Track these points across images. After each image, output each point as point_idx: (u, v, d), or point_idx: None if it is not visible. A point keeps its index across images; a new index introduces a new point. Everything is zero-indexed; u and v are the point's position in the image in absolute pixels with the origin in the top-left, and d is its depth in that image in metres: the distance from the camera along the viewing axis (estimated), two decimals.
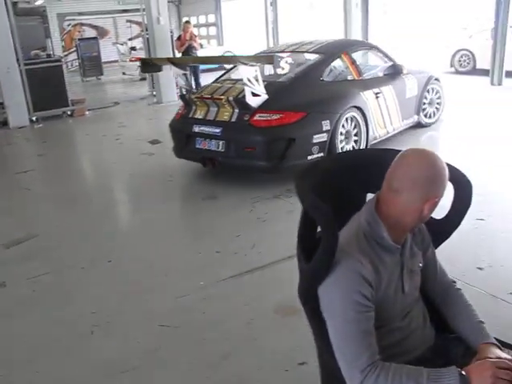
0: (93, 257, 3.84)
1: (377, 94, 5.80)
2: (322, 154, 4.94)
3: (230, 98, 4.96)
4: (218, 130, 5.05)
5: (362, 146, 5.54)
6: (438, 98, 7.08)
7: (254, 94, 4.88)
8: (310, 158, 4.86)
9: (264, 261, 3.28)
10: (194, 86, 10.45)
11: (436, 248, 1.79)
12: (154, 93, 11.22)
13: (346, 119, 5.31)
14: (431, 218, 1.77)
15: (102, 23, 22.20)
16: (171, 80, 10.90)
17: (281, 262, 3.44)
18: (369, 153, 1.78)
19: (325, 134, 4.99)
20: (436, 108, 7.08)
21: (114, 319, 3.00)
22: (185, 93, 5.89)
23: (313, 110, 5.00)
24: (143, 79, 13.83)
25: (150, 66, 6.32)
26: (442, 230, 1.82)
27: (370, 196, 1.63)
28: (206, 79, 11.85)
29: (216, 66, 16.64)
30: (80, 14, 21.10)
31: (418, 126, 6.84)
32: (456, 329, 1.67)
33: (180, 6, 23.96)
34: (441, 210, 1.73)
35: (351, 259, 1.45)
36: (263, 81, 5.05)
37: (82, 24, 21.79)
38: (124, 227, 4.46)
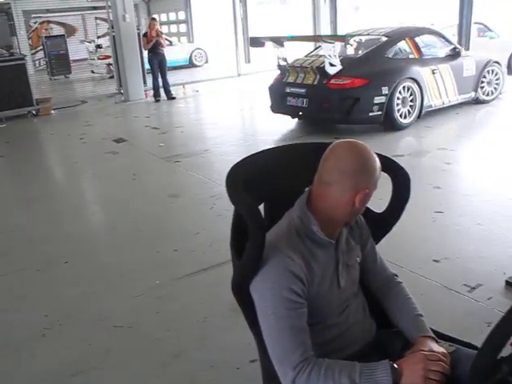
0: (49, 258, 3.76)
1: (433, 70, 7.06)
2: (380, 112, 6.52)
3: (314, 67, 6.66)
4: (303, 91, 6.78)
5: (417, 111, 6.93)
6: (497, 79, 7.99)
7: (332, 65, 6.47)
8: (371, 114, 6.49)
9: (221, 259, 3.25)
10: (161, 85, 10.39)
11: (377, 242, 1.78)
12: (122, 91, 11.08)
13: (403, 88, 6.68)
14: (371, 211, 1.78)
15: (71, 21, 21.81)
16: (139, 78, 10.80)
17: None
18: (305, 147, 1.75)
19: (383, 97, 6.48)
20: (494, 88, 8.01)
21: (67, 321, 2.94)
22: (281, 63, 7.31)
23: (375, 78, 6.52)
24: (112, 77, 13.65)
25: (256, 42, 7.80)
26: (383, 223, 1.81)
27: None
28: (175, 77, 11.98)
29: (185, 63, 16.66)
30: (47, 11, 20.67)
31: (478, 101, 7.83)
32: (396, 322, 1.66)
33: (150, 3, 23.69)
34: (381, 204, 1.74)
35: (281, 256, 1.43)
36: (340, 56, 6.64)
37: (49, 21, 21.35)
38: (83, 228, 4.38)
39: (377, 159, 1.48)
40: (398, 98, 6.66)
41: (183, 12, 22.33)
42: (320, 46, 7.03)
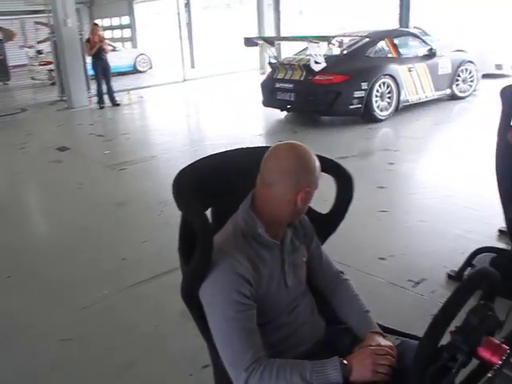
0: None
1: (410, 68, 7.78)
2: (360, 106, 7.24)
3: (301, 64, 7.43)
4: (291, 86, 7.56)
5: (394, 105, 7.64)
6: (471, 77, 8.63)
7: (316, 62, 7.23)
8: (351, 107, 7.21)
9: (169, 266, 3.23)
10: (105, 91, 10.20)
11: (323, 242, 1.81)
12: (65, 98, 10.80)
13: (382, 84, 7.38)
14: (316, 212, 1.82)
15: (9, 25, 21.03)
16: (82, 84, 10.56)
17: None
18: (248, 151, 1.76)
19: (363, 92, 7.20)
20: (469, 85, 8.68)
21: (13, 336, 2.83)
22: (272, 61, 8.12)
23: (356, 75, 7.23)
24: (53, 84, 13.27)
25: (250, 41, 8.42)
26: (328, 223, 1.84)
27: None
28: (119, 83, 11.78)
29: (130, 69, 16.42)
30: None
31: (454, 97, 8.50)
32: (344, 319, 1.70)
33: (92, 8, 23.23)
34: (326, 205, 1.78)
35: (228, 259, 1.44)
36: (324, 55, 7.46)
37: None
38: (26, 240, 4.23)
39: (316, 159, 1.51)
40: (377, 93, 7.35)
41: (127, 17, 22.01)
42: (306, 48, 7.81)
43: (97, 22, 13.61)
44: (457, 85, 8.50)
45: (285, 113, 8.45)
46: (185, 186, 1.53)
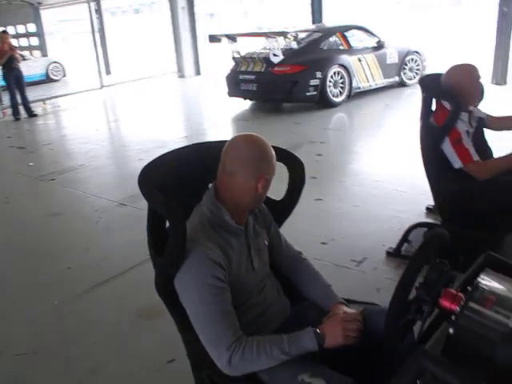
0: None
1: (359, 58, 8.69)
2: (315, 93, 8.12)
3: (261, 57, 8.29)
4: (253, 77, 8.42)
5: (347, 92, 8.52)
6: (417, 65, 9.51)
7: (275, 55, 8.09)
8: (307, 94, 8.09)
9: (118, 270, 3.23)
10: (20, 102, 9.78)
11: (280, 226, 1.93)
12: None
13: (334, 73, 8.28)
14: (271, 199, 1.92)
15: None
16: None
17: (135, 267, 3.42)
18: (206, 145, 1.84)
19: (318, 80, 8.08)
20: (416, 73, 9.52)
21: None
22: (235, 56, 8.77)
23: (311, 65, 8.11)
24: None
25: (214, 38, 9.12)
26: (283, 209, 1.96)
27: None
28: (33, 93, 11.30)
29: (42, 78, 15.80)
30: None
31: (403, 84, 9.40)
32: (308, 295, 1.82)
33: None
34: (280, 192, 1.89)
35: (200, 247, 1.52)
36: (282, 48, 8.33)
37: None
38: None
39: (271, 149, 1.63)
40: (330, 81, 8.23)
41: (32, 24, 21.05)
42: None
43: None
44: (404, 73, 9.36)
45: (249, 102, 9.30)
46: (150, 180, 1.58)
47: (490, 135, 3.18)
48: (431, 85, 3.15)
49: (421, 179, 3.40)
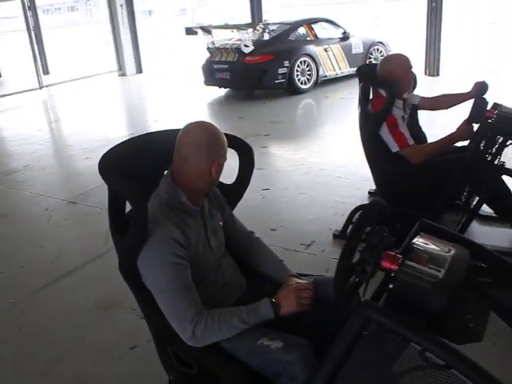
0: None
1: (326, 48, 9.47)
2: (284, 80, 8.86)
3: (233, 48, 8.97)
4: (226, 66, 9.10)
5: (313, 79, 9.25)
6: (382, 55, 10.00)
7: (246, 46, 8.83)
8: (276, 81, 8.84)
9: (72, 265, 3.26)
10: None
11: (233, 208, 2.05)
12: None
13: (301, 62, 9.04)
14: (223, 183, 2.04)
15: None
16: None
17: (89, 262, 3.47)
18: (161, 134, 1.94)
19: (286, 69, 8.81)
20: None
21: None
22: (210, 46, 9.38)
23: (279, 55, 8.84)
24: None
25: (190, 31, 9.83)
26: (235, 192, 2.09)
27: None
28: None
29: None
30: None
31: None
32: (262, 271, 1.97)
33: None
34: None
35: (160, 227, 1.62)
36: (253, 39, 9.07)
37: None
38: None
39: (223, 135, 1.75)
40: (298, 70, 8.95)
41: None
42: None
43: None
44: (369, 61, 9.95)
45: (223, 90, 9.95)
46: (111, 167, 1.67)
47: (423, 121, 3.43)
48: (368, 74, 3.35)
49: (362, 167, 3.62)
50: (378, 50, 10.25)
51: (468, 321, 1.37)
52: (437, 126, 3.69)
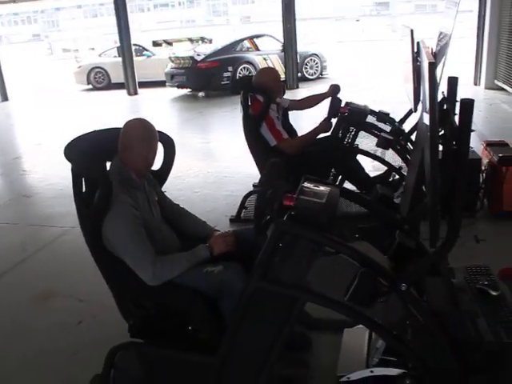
0: None
1: (264, 57, 11.89)
2: (228, 82, 11.36)
3: (189, 56, 11.58)
4: (183, 71, 11.67)
5: None
6: (317, 65, 12.91)
7: (198, 55, 11.56)
8: (222, 83, 11.41)
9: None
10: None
11: (161, 186, 2.61)
12: None
13: (242, 68, 11.59)
14: (153, 170, 2.60)
15: None
16: None
17: (15, 267, 3.75)
18: (106, 131, 2.45)
19: (230, 73, 11.41)
20: (315, 70, 12.96)
21: None
22: (171, 55, 12.06)
23: (223, 62, 11.46)
24: None
25: (156, 43, 12.86)
26: (161, 175, 2.65)
27: None
28: None
29: None
30: None
31: (305, 79, 12.48)
32: (192, 231, 2.56)
33: None
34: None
35: (119, 197, 2.15)
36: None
37: None
38: None
39: (156, 129, 2.34)
40: (240, 74, 11.36)
41: None
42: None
43: None
44: (306, 70, 12.70)
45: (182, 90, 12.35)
46: (74, 154, 2.16)
47: (293, 119, 4.24)
48: (247, 84, 4.08)
49: (243, 167, 4.30)
50: (313, 60, 12.76)
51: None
52: (305, 121, 4.52)
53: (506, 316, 1.90)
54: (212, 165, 5.91)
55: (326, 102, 4.15)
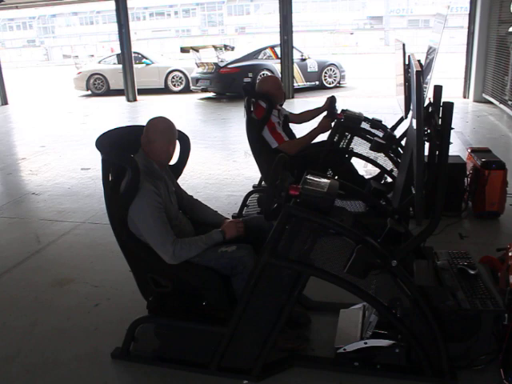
0: None
1: None
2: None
3: (213, 62, 12.69)
4: (208, 76, 12.73)
5: None
6: (335, 74, 13.86)
7: (222, 61, 12.79)
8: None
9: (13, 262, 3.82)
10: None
11: (177, 179, 2.91)
12: None
13: (262, 74, 12.23)
14: (170, 164, 2.89)
15: None
16: None
17: (31, 257, 4.00)
18: (130, 127, 2.75)
19: (250, 79, 12.13)
20: (334, 79, 13.88)
21: None
22: (197, 61, 13.11)
23: (244, 68, 12.51)
24: None
25: (184, 50, 13.43)
26: (177, 169, 2.94)
27: None
28: None
29: None
30: None
31: (324, 87, 13.54)
32: (205, 220, 2.84)
33: None
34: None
35: (145, 184, 2.43)
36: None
37: None
38: None
39: (175, 125, 2.63)
40: (259, 79, 11.21)
41: None
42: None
43: None
44: (325, 79, 13.66)
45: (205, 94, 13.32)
46: (106, 145, 2.45)
47: (291, 125, 4.55)
48: (250, 91, 4.39)
49: (243, 170, 4.56)
50: (331, 69, 13.69)
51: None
52: (302, 126, 4.83)
53: (481, 290, 2.21)
54: (211, 167, 6.21)
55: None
